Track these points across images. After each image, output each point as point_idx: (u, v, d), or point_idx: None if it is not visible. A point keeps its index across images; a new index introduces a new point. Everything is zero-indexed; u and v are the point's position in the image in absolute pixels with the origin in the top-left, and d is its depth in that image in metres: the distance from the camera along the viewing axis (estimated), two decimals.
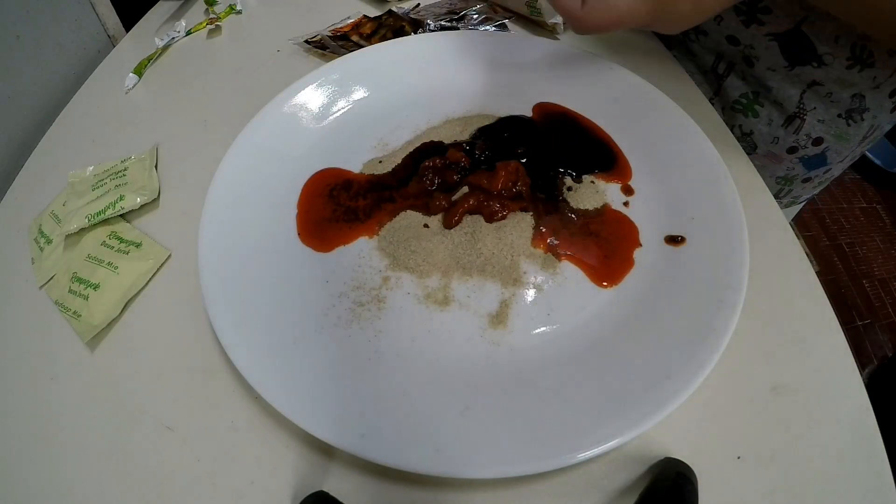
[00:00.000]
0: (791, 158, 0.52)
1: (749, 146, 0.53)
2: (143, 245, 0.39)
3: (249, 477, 0.29)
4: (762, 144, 0.52)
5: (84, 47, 0.59)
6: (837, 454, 0.28)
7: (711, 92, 0.53)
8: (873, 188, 1.59)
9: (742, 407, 0.30)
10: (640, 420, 0.26)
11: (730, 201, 0.35)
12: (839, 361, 0.31)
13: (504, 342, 0.32)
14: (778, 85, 0.47)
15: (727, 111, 0.53)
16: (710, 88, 0.53)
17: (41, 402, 0.33)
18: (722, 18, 0.46)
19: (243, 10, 0.61)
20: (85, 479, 0.30)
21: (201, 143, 0.46)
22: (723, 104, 0.53)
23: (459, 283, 0.34)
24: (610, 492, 0.27)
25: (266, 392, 0.28)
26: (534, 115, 0.44)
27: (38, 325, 0.36)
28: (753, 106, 0.50)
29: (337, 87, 0.45)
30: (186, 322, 0.35)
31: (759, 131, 0.51)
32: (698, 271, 0.33)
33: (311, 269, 0.35)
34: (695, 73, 0.54)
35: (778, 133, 0.51)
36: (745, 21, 0.45)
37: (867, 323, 1.31)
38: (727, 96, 0.52)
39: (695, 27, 0.49)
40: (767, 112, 0.50)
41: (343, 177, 0.40)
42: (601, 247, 0.35)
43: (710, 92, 0.53)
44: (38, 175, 0.46)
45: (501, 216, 0.36)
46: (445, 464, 0.26)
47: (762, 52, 0.46)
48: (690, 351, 0.29)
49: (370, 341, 0.32)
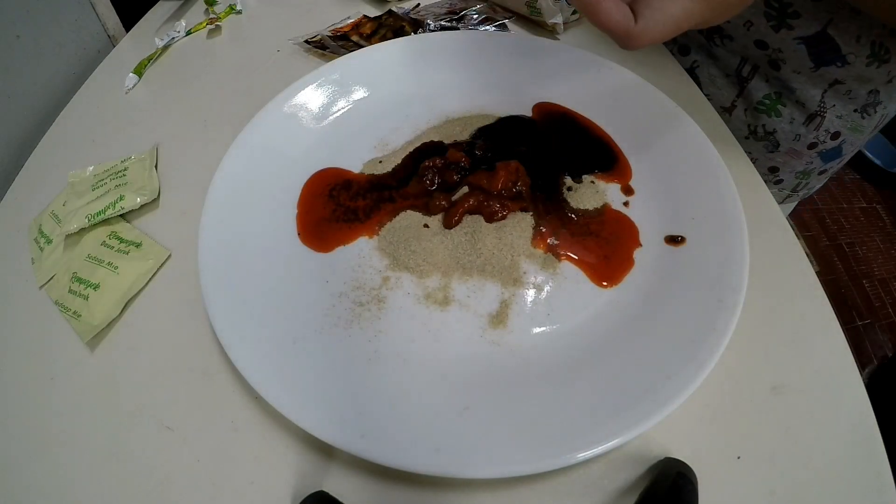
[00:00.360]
0: (811, 153, 0.53)
1: (772, 144, 0.53)
2: (143, 245, 0.39)
3: (249, 477, 0.29)
4: (784, 142, 0.53)
5: (84, 47, 0.59)
6: (837, 454, 0.28)
7: (734, 94, 0.54)
8: (873, 188, 1.59)
9: (742, 407, 0.30)
10: (640, 420, 0.26)
11: (730, 201, 0.35)
12: (839, 361, 0.31)
13: (504, 342, 0.32)
14: (801, 86, 0.48)
15: (750, 112, 0.53)
16: (734, 91, 0.54)
17: (41, 402, 0.33)
18: (752, 23, 0.47)
19: (243, 10, 0.61)
20: (85, 479, 0.30)
21: (201, 143, 0.46)
22: (745, 105, 0.53)
23: (459, 283, 0.34)
24: (610, 492, 0.27)
25: (266, 392, 0.28)
26: (534, 114, 0.44)
27: (38, 325, 0.36)
28: (776, 106, 0.51)
29: (337, 87, 0.45)
30: (186, 322, 0.35)
31: (782, 130, 0.52)
32: (698, 271, 0.33)
33: (311, 269, 0.35)
34: (717, 77, 0.54)
35: (799, 131, 0.51)
36: (774, 26, 0.45)
37: (867, 323, 1.31)
38: (751, 98, 0.52)
39: (720, 33, 0.50)
40: (790, 111, 0.51)
41: (343, 177, 0.40)
42: (601, 247, 0.35)
43: (733, 94, 0.54)
44: (38, 175, 0.46)
45: (501, 216, 0.36)
46: (445, 464, 0.26)
47: (790, 55, 0.46)
48: (690, 351, 0.29)
49: (370, 341, 0.32)
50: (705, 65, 0.55)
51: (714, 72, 0.54)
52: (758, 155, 0.55)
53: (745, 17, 0.46)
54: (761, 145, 0.54)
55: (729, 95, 0.54)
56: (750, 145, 0.55)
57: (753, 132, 0.54)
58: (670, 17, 0.29)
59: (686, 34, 0.53)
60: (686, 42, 0.56)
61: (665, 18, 0.29)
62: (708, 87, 0.55)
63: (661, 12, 0.29)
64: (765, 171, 0.56)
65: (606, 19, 0.29)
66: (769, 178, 0.57)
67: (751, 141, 0.55)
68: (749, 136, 0.54)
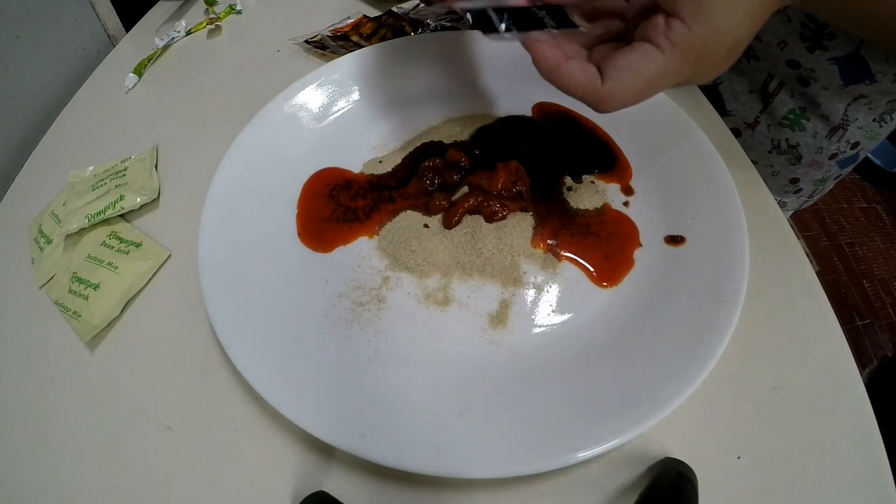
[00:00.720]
0: (830, 163, 0.53)
1: (794, 157, 0.53)
2: (143, 245, 0.39)
3: (249, 477, 0.29)
4: (807, 155, 0.53)
5: (84, 47, 0.59)
6: (837, 454, 0.28)
7: (759, 110, 0.53)
8: (873, 188, 1.59)
9: (742, 407, 0.30)
10: (640, 420, 0.26)
11: (730, 201, 0.35)
12: (839, 361, 0.31)
13: (504, 342, 0.32)
14: (827, 100, 0.48)
15: (774, 127, 0.53)
16: (758, 106, 0.53)
17: (40, 402, 0.33)
18: (786, 44, 0.46)
19: (243, 10, 0.61)
20: (85, 479, 0.30)
21: (201, 143, 0.46)
22: (770, 121, 0.53)
23: (459, 284, 0.34)
24: (610, 492, 0.27)
25: (266, 392, 0.28)
26: (534, 114, 0.44)
27: (37, 325, 0.36)
28: (800, 120, 0.50)
29: (337, 87, 0.45)
30: (186, 322, 0.35)
31: (805, 143, 0.52)
32: (698, 271, 0.33)
33: (311, 269, 0.35)
34: (741, 94, 0.53)
35: (822, 144, 0.51)
36: (809, 47, 0.45)
37: (867, 323, 1.31)
38: (775, 113, 0.52)
39: (747, 53, 0.49)
40: (813, 125, 0.50)
41: (343, 177, 0.40)
42: (601, 247, 0.35)
43: (757, 110, 0.53)
44: (38, 175, 0.46)
45: (501, 216, 0.36)
46: (445, 464, 0.26)
47: (822, 75, 0.46)
48: (690, 351, 0.29)
49: (370, 341, 0.32)
50: (728, 81, 0.54)
51: (738, 88, 0.53)
52: (780, 168, 0.55)
53: (779, 37, 0.46)
54: (784, 158, 0.54)
55: (753, 111, 0.53)
56: (772, 159, 0.54)
57: (777, 146, 0.53)
58: (642, 77, 0.25)
59: None
60: None
61: (635, 79, 0.26)
62: (731, 103, 0.54)
63: (630, 72, 0.25)
64: (786, 182, 0.56)
65: (569, 82, 0.26)
66: (789, 188, 0.57)
67: (773, 155, 0.54)
68: (772, 150, 0.54)
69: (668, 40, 0.25)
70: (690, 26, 0.24)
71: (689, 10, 0.24)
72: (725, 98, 0.54)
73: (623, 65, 0.26)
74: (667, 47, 0.25)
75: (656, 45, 0.25)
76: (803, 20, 0.43)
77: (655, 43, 0.25)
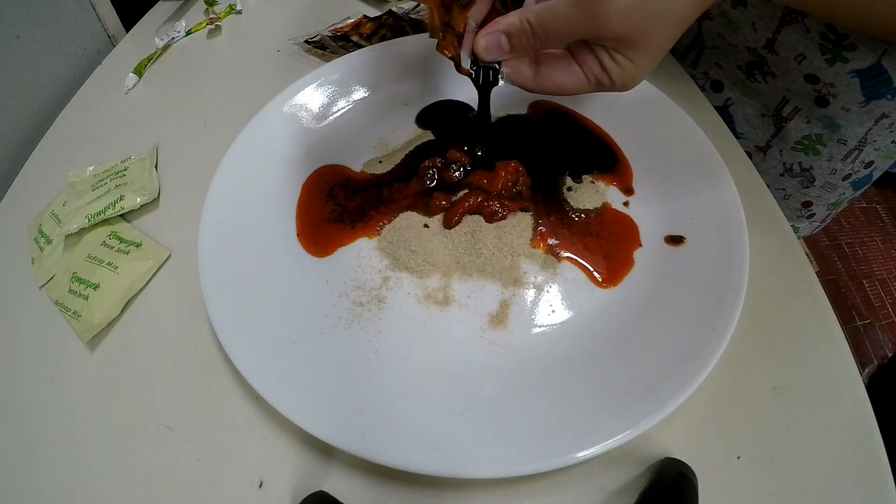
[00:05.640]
0: (844, 184, 0.52)
1: (807, 180, 0.52)
2: (143, 245, 0.39)
3: (249, 477, 0.29)
4: (820, 178, 0.51)
5: (84, 47, 0.59)
6: (837, 454, 0.28)
7: (770, 134, 0.51)
8: (873, 188, 1.58)
9: (742, 407, 0.30)
10: (640, 420, 0.26)
11: (730, 201, 0.35)
12: (839, 361, 0.31)
13: (504, 342, 0.32)
14: (847, 123, 0.46)
15: (786, 151, 0.51)
16: (771, 129, 0.51)
17: (41, 402, 0.33)
18: (804, 56, 0.44)
19: (243, 10, 0.61)
20: (85, 478, 0.30)
21: (201, 143, 0.46)
22: (782, 145, 0.51)
23: (459, 284, 0.34)
24: (610, 492, 0.27)
25: (266, 392, 0.28)
26: (529, 112, 0.44)
27: (38, 325, 0.36)
28: (815, 146, 0.49)
29: (337, 87, 0.45)
30: (186, 322, 0.35)
31: (819, 166, 0.50)
32: (698, 271, 0.33)
33: (311, 270, 0.35)
34: (752, 117, 0.52)
35: (836, 166, 0.50)
36: (829, 59, 0.43)
37: (867, 323, 1.31)
38: (788, 137, 0.50)
39: (762, 69, 0.48)
40: (829, 150, 0.49)
41: (343, 176, 0.40)
42: (601, 247, 0.35)
43: (769, 134, 0.51)
44: (38, 175, 0.46)
45: (501, 216, 0.36)
46: (445, 464, 0.26)
47: (842, 90, 0.44)
48: (690, 351, 0.29)
49: (370, 341, 0.32)
50: (740, 103, 0.52)
51: (749, 111, 0.52)
52: (792, 191, 0.53)
53: (797, 50, 0.44)
54: (796, 181, 0.52)
55: (764, 135, 0.52)
56: (784, 182, 0.53)
57: (789, 169, 0.52)
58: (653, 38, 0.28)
59: (721, 67, 0.51)
60: (720, 78, 0.53)
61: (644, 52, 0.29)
62: (742, 125, 0.53)
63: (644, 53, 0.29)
64: (798, 206, 0.55)
65: (595, 81, 0.30)
66: (802, 212, 0.55)
67: (786, 178, 0.53)
68: (784, 173, 0.52)
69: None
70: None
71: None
72: (736, 121, 0.53)
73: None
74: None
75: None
76: (822, 31, 0.41)
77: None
